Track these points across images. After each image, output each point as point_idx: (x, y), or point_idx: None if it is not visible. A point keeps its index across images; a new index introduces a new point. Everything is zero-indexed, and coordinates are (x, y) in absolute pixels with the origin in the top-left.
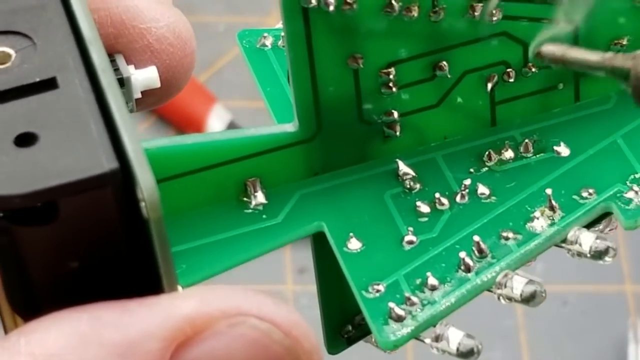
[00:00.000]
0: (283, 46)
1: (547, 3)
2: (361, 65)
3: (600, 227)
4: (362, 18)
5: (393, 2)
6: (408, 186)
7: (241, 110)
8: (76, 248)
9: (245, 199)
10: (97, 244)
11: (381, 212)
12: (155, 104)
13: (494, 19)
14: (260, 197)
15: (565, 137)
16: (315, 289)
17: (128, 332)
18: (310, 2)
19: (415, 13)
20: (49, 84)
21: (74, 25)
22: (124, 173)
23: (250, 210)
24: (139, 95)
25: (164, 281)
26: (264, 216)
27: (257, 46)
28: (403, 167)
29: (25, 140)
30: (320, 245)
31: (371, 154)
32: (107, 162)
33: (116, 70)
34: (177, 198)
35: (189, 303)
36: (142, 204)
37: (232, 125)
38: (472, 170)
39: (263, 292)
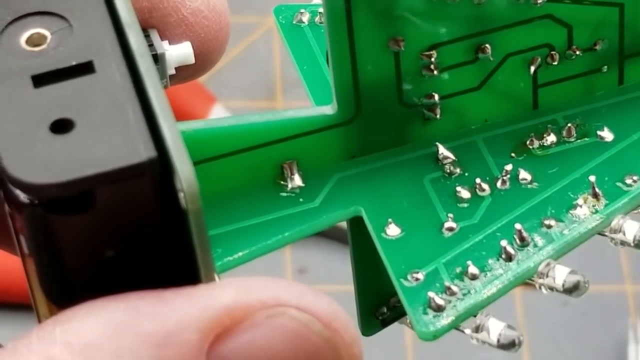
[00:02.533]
0: (321, 23)
1: None
2: (402, 48)
3: None
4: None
5: None
6: (448, 170)
7: (241, 110)
8: (113, 237)
9: (282, 182)
10: (134, 233)
11: (420, 197)
12: (189, 78)
13: (539, 1)
14: (297, 180)
15: (608, 122)
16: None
17: (165, 322)
18: None
19: None
20: (86, 68)
21: (111, 7)
22: (162, 162)
23: (286, 194)
24: (173, 72)
25: (202, 272)
26: (300, 199)
27: (294, 22)
28: (443, 151)
29: (62, 126)
30: (357, 229)
31: (410, 137)
32: (145, 151)
33: (150, 46)
34: (213, 181)
35: (227, 293)
36: (181, 195)
37: None
38: (513, 154)
39: (303, 284)
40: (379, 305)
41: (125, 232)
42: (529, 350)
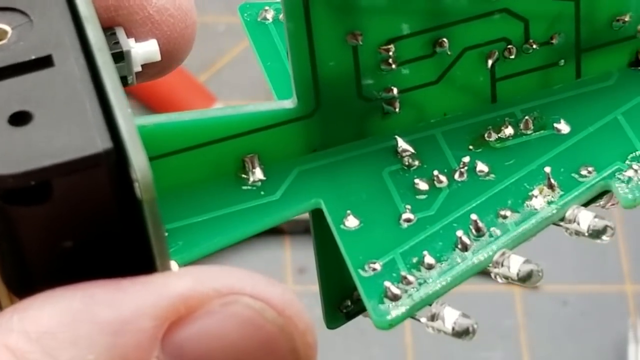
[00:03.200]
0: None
1: None
2: (360, 42)
3: (602, 202)
4: None
5: None
6: (407, 163)
7: None
8: (70, 227)
9: (243, 175)
10: (91, 223)
11: (379, 189)
12: (156, 76)
13: None
14: (258, 174)
15: (565, 114)
16: (316, 289)
17: (121, 310)
18: None
19: None
20: (45, 62)
21: (71, 2)
22: (118, 153)
23: (248, 187)
24: (139, 69)
25: (157, 261)
26: (262, 192)
27: (258, 19)
28: (402, 144)
29: (20, 119)
30: (319, 222)
31: (370, 131)
32: (101, 142)
33: (116, 43)
34: (175, 175)
35: (182, 282)
36: (136, 185)
37: None
38: (471, 147)
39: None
40: (342, 299)
41: (82, 223)
42: (529, 350)
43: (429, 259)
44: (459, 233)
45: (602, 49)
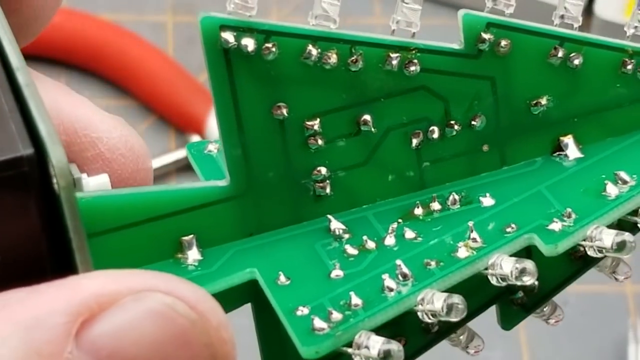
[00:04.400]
0: None
1: (467, 57)
2: (286, 114)
3: (545, 312)
4: (284, 64)
5: (311, 47)
6: (338, 234)
7: None
8: None
9: (181, 255)
10: (14, 233)
11: (311, 256)
12: None
13: (412, 70)
14: (195, 254)
15: (491, 191)
16: None
17: (34, 309)
18: (229, 44)
19: (334, 60)
20: None
21: (3, 60)
22: (40, 158)
23: (185, 266)
24: None
25: (77, 257)
26: (198, 268)
27: (204, 152)
28: (334, 223)
29: None
30: (258, 303)
31: (305, 215)
32: (23, 148)
33: None
34: (114, 254)
35: (95, 281)
36: (54, 180)
37: None
38: (400, 220)
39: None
40: None
41: (5, 233)
42: (529, 350)
43: (355, 300)
44: (385, 276)
45: (525, 135)
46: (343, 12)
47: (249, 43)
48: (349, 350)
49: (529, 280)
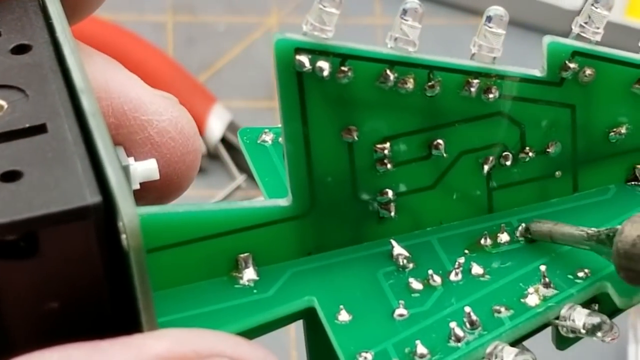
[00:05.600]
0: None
1: (549, 84)
2: (356, 138)
3: (600, 334)
4: (357, 87)
5: (388, 72)
6: (401, 264)
7: (241, 110)
8: (56, 286)
9: (236, 274)
10: (78, 282)
11: (373, 288)
12: (155, 201)
13: (490, 96)
14: (251, 273)
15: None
16: None
17: None
18: (304, 67)
19: (410, 85)
20: (39, 129)
21: (68, 80)
22: (107, 207)
23: (240, 286)
24: (137, 186)
25: (143, 317)
26: (254, 291)
27: (258, 142)
28: (397, 248)
29: (10, 176)
30: (312, 323)
31: (366, 236)
32: (90, 196)
33: None
34: (168, 270)
35: (161, 343)
36: (123, 236)
37: (232, 125)
38: (467, 251)
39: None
40: None
41: (69, 281)
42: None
43: (421, 349)
44: (452, 325)
45: (599, 162)
46: (343, 12)
47: (324, 66)
48: None
49: (602, 336)
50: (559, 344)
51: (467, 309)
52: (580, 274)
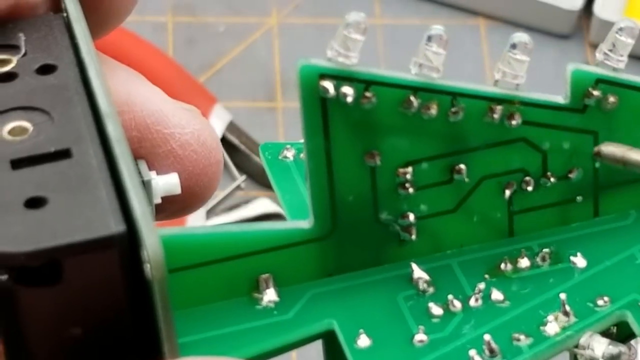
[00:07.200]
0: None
1: (572, 111)
2: (378, 163)
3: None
4: (381, 113)
5: (412, 98)
6: (421, 289)
7: (241, 110)
8: (79, 312)
9: (257, 294)
10: (100, 308)
11: (393, 312)
12: (177, 214)
13: (513, 123)
14: (272, 295)
15: (582, 249)
16: None
17: None
18: (328, 93)
19: (434, 111)
20: (64, 154)
21: (93, 102)
22: (131, 237)
23: (261, 307)
24: (159, 201)
25: (165, 347)
26: (275, 312)
27: (279, 157)
28: (417, 271)
29: (35, 203)
30: (331, 345)
31: (386, 258)
32: (114, 225)
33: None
34: (188, 290)
35: None
36: (147, 266)
37: (232, 126)
38: (487, 276)
39: None
40: None
41: (92, 309)
42: None
43: None
44: (472, 352)
45: (620, 187)
46: (343, 13)
47: (348, 92)
48: None
49: None
50: None
51: (487, 337)
52: (600, 302)
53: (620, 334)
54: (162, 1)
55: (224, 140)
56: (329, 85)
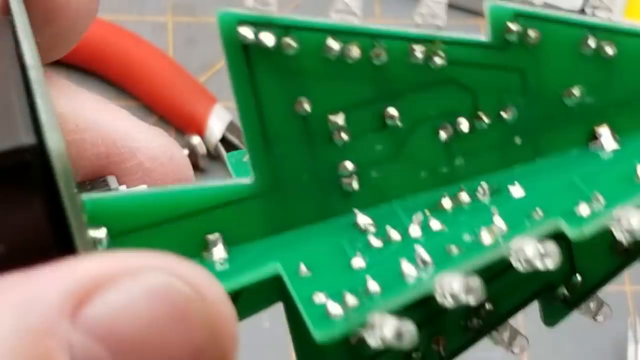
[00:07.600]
0: None
1: (495, 48)
2: (308, 110)
3: (592, 309)
4: (305, 59)
5: (331, 41)
6: (363, 228)
7: None
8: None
9: (206, 253)
10: (19, 224)
11: (335, 249)
12: None
13: (438, 63)
14: (221, 252)
15: (521, 181)
16: None
17: (30, 290)
18: (247, 39)
19: (356, 54)
20: None
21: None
22: (43, 148)
23: (210, 262)
24: None
25: (77, 241)
26: (224, 266)
27: (243, 160)
28: (360, 217)
29: None
30: (289, 302)
31: (333, 211)
32: (25, 137)
33: (107, 189)
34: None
35: (92, 262)
36: (51, 159)
37: (232, 126)
38: (427, 212)
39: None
40: None
41: (11, 224)
42: (529, 350)
43: (372, 285)
44: (403, 261)
45: (559, 127)
46: None
47: (268, 38)
48: (364, 332)
49: (552, 264)
50: (546, 318)
51: (418, 247)
52: (535, 216)
53: (585, 285)
54: (162, 1)
55: (224, 140)
56: (247, 31)
